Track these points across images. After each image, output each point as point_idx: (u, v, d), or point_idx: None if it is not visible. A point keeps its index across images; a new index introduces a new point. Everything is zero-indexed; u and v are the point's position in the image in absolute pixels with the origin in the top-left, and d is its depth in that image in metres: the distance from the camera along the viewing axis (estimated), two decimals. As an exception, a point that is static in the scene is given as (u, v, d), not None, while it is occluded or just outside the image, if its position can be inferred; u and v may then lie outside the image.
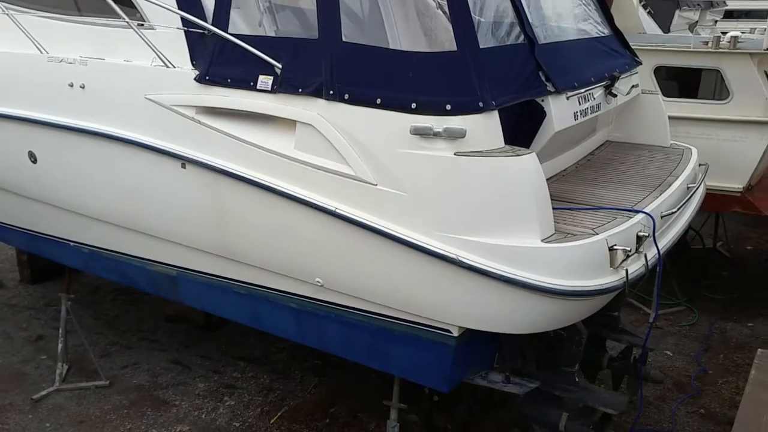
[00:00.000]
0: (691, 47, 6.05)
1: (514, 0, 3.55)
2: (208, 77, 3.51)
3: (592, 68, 3.98)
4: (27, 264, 6.61)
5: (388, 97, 3.05)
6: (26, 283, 6.66)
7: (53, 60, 4.07)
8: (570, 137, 3.83)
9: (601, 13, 4.57)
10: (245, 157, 3.45)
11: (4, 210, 5.20)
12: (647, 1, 7.50)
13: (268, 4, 3.95)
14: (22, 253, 6.54)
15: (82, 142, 4.07)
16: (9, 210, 5.13)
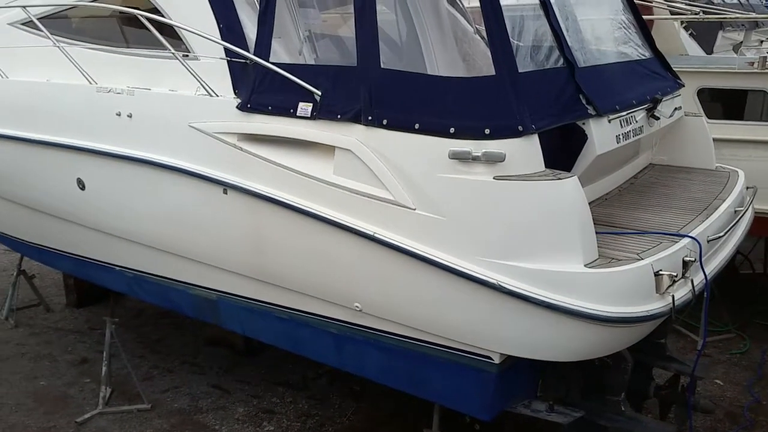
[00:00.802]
0: (735, 68, 5.94)
1: (552, 24, 3.54)
2: (249, 105, 3.58)
3: (633, 91, 3.93)
4: (73, 288, 6.76)
5: (427, 122, 3.06)
6: (72, 307, 6.81)
7: (102, 90, 4.20)
8: (612, 160, 3.78)
9: (642, 35, 4.52)
10: (285, 182, 3.49)
11: (52, 235, 5.35)
12: (689, 23, 7.40)
13: (308, 33, 4.03)
14: (69, 278, 6.70)
15: (128, 169, 4.18)
16: (57, 235, 5.27)
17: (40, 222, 5.27)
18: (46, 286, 7.14)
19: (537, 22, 3.63)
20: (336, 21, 4.50)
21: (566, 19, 3.80)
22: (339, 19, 4.44)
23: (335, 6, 4.49)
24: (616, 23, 4.44)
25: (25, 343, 6.11)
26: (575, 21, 3.98)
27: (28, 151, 4.84)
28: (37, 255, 5.95)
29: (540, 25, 3.61)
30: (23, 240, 5.85)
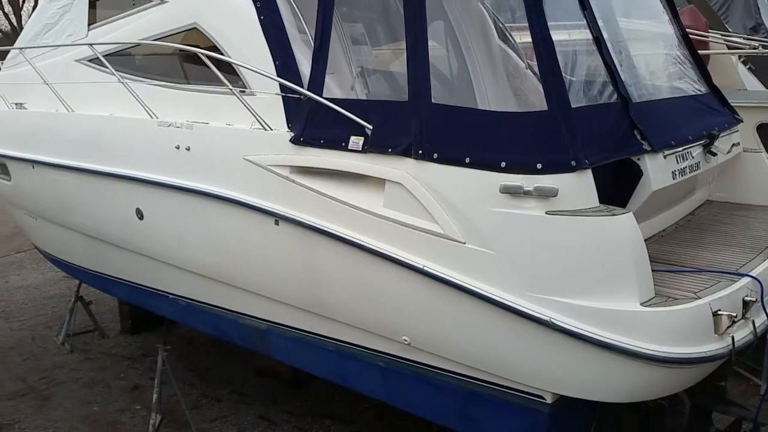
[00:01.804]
0: (797, 103, 5.78)
1: (606, 59, 3.53)
2: (302, 138, 3.65)
3: (689, 126, 3.87)
4: (128, 315, 6.92)
5: (478, 156, 3.06)
6: (126, 333, 6.96)
7: (162, 124, 4.35)
8: (668, 197, 3.71)
9: (698, 70, 4.46)
10: (335, 214, 3.52)
11: (110, 263, 5.51)
12: (748, 57, 7.25)
13: (360, 69, 4.11)
14: (124, 305, 6.86)
15: (184, 199, 4.29)
16: (115, 263, 5.44)
17: (99, 250, 5.45)
18: (102, 312, 7.33)
19: (590, 57, 3.62)
20: (388, 57, 4.57)
21: (620, 54, 3.78)
22: (391, 55, 4.52)
23: (387, 42, 4.57)
24: (670, 58, 4.40)
25: (80, 368, 6.26)
26: (629, 56, 3.95)
27: (90, 182, 5.03)
28: (95, 282, 6.14)
29: (593, 60, 3.59)
30: (82, 267, 6.05)
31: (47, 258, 6.96)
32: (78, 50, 5.23)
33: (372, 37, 4.50)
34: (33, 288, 8.55)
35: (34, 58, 5.55)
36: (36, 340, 6.92)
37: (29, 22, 6.41)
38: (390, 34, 4.46)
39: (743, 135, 4.53)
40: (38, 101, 5.57)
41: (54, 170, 5.34)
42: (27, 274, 9.16)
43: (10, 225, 10.76)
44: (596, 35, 3.54)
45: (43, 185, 5.67)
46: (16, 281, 8.86)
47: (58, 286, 8.44)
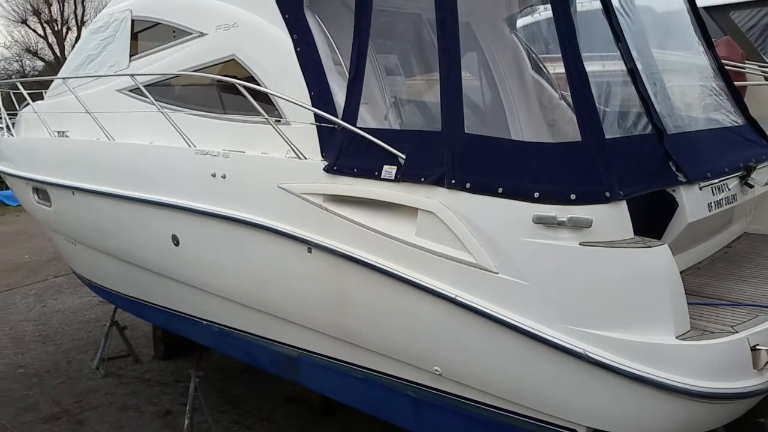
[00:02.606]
0: (837, 135, 5.66)
1: (640, 90, 3.52)
2: (336, 167, 3.69)
3: (725, 158, 3.82)
4: (161, 340, 7.01)
5: (511, 186, 3.06)
6: (159, 358, 7.04)
7: (200, 153, 4.44)
8: (704, 229, 3.66)
9: (735, 102, 4.41)
10: (368, 242, 3.54)
11: (145, 288, 5.60)
12: (785, 88, 7.15)
13: (393, 99, 4.16)
14: (158, 330, 6.96)
15: (219, 226, 4.36)
16: (150, 288, 5.52)
17: (134, 275, 5.54)
18: (137, 337, 7.43)
19: (624, 88, 3.62)
20: (421, 87, 4.62)
21: (654, 86, 3.77)
22: (424, 85, 4.57)
23: (421, 73, 4.62)
24: (706, 89, 4.36)
25: (114, 392, 6.34)
26: (664, 87, 3.94)
27: (128, 208, 5.14)
28: (130, 307, 6.23)
29: (627, 91, 3.59)
30: (118, 292, 6.16)
31: (84, 283, 7.10)
32: (119, 80, 5.39)
33: (406, 68, 4.56)
34: (70, 312, 8.72)
35: (76, 87, 5.73)
36: (71, 364, 7.03)
37: (72, 53, 6.64)
38: (423, 64, 4.51)
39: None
40: (80, 129, 5.73)
41: (93, 197, 5.48)
42: (64, 298, 9.35)
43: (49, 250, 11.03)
44: (630, 67, 3.53)
45: (83, 211, 5.81)
46: (53, 305, 9.05)
47: (94, 310, 8.59)
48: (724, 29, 8.06)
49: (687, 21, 4.45)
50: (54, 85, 6.61)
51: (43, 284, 10.13)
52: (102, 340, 6.87)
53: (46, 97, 6.79)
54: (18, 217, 15.85)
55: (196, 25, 4.73)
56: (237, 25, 4.38)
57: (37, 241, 12.23)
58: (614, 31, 3.50)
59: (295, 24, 4.01)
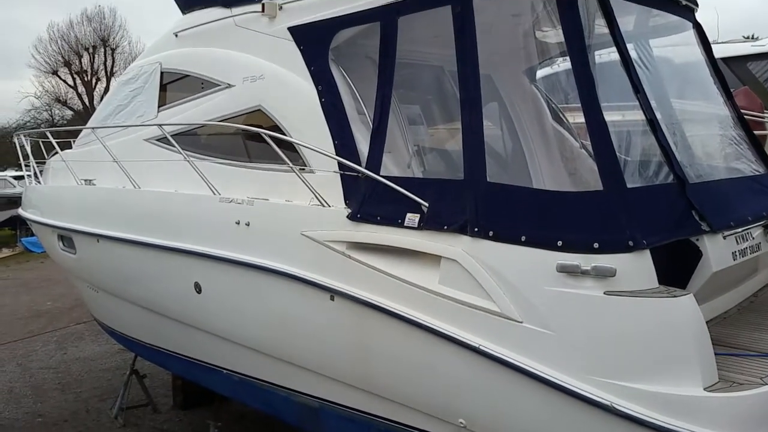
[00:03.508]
0: None
1: (660, 140, 3.54)
2: (359, 215, 3.73)
3: (748, 207, 3.81)
4: (180, 389, 6.96)
5: (533, 235, 3.08)
6: (178, 408, 6.98)
7: (224, 200, 4.51)
8: (729, 278, 3.62)
9: (755, 151, 4.42)
10: (390, 290, 3.54)
11: (166, 336, 5.60)
12: (806, 138, 7.15)
13: (416, 148, 4.22)
14: (177, 379, 6.92)
15: (242, 274, 4.38)
16: (170, 336, 5.53)
17: (155, 323, 5.56)
18: (156, 386, 7.40)
19: (645, 137, 3.64)
20: (443, 135, 4.69)
21: (674, 135, 3.80)
22: (447, 134, 4.63)
23: (443, 122, 4.69)
24: (727, 139, 4.38)
25: (132, 442, 6.30)
26: (684, 137, 3.96)
27: (152, 255, 5.19)
28: (150, 355, 6.23)
29: (648, 141, 3.61)
30: (139, 340, 6.16)
31: (105, 330, 7.13)
32: (147, 130, 5.51)
33: (428, 117, 4.64)
34: (90, 360, 8.73)
35: (104, 137, 5.87)
36: (90, 413, 7.00)
37: (102, 104, 6.82)
38: (446, 114, 4.59)
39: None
40: (107, 178, 5.84)
41: (118, 244, 5.54)
42: (85, 345, 9.37)
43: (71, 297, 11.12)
44: (650, 117, 3.56)
45: (106, 259, 5.88)
46: (73, 353, 9.07)
47: (114, 358, 8.60)
48: (742, 80, 8.12)
49: (705, 71, 4.50)
50: (82, 135, 6.77)
51: (64, 331, 10.17)
52: (121, 388, 6.85)
53: (74, 146, 6.95)
54: (42, 263, 16.05)
55: (223, 77, 4.86)
56: (263, 77, 4.50)
57: (60, 287, 12.35)
58: (633, 82, 3.54)
59: (320, 75, 4.11)
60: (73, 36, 36.54)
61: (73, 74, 37.05)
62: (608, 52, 3.69)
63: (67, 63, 36.66)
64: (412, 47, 4.30)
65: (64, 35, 36.49)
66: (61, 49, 36.57)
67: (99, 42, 36.86)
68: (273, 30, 4.45)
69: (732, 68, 8.16)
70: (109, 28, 37.03)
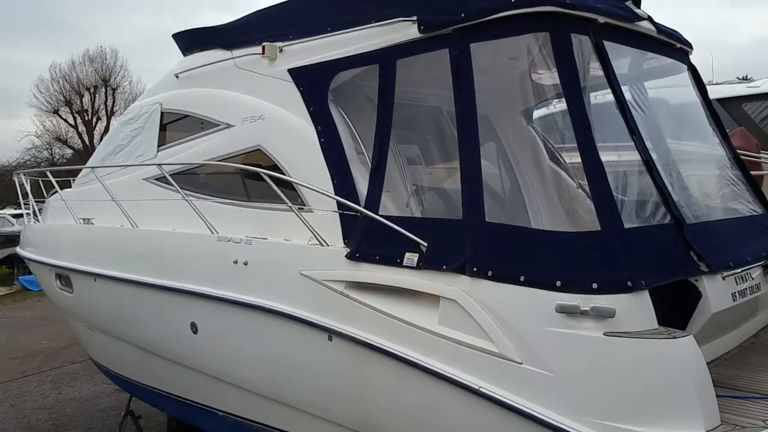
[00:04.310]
0: None
1: (656, 181, 3.55)
2: (358, 254, 3.72)
3: (747, 247, 3.81)
4: (176, 431, 6.84)
5: (532, 275, 3.07)
6: (172, 450, 6.87)
7: (222, 240, 4.50)
8: (729, 319, 3.61)
9: (752, 191, 4.44)
10: (389, 330, 3.52)
11: (161, 377, 5.54)
12: (802, 178, 7.20)
13: (415, 187, 4.24)
14: (173, 420, 6.80)
15: (239, 314, 4.36)
16: (166, 377, 5.46)
17: (152, 363, 5.50)
18: (151, 427, 7.27)
19: (641, 178, 3.66)
20: (442, 175, 4.71)
21: (671, 176, 3.83)
22: (445, 173, 4.65)
23: (441, 161, 4.72)
24: (723, 179, 4.41)
25: (125, 485, 6.17)
26: (680, 177, 3.99)
27: (148, 295, 5.17)
28: (146, 396, 6.14)
29: (644, 181, 3.63)
30: (134, 380, 6.10)
31: (101, 370, 7.06)
32: (146, 169, 5.54)
33: (426, 157, 4.67)
34: (85, 400, 8.61)
35: (104, 176, 5.90)
36: (84, 454, 6.88)
37: (102, 143, 6.86)
38: (444, 153, 4.62)
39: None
40: (105, 217, 5.85)
41: (115, 283, 5.52)
42: (80, 385, 9.26)
43: (67, 336, 11.02)
44: (646, 158, 3.58)
45: (103, 298, 5.85)
46: (68, 392, 8.95)
47: (109, 398, 8.48)
48: (738, 120, 8.21)
49: (701, 112, 4.55)
50: (82, 174, 6.80)
51: (59, 371, 10.06)
52: (117, 429, 6.74)
53: (74, 185, 6.97)
54: (39, 302, 15.96)
55: (223, 117, 4.91)
56: (263, 117, 4.54)
57: (56, 326, 12.24)
58: (628, 124, 3.57)
59: (320, 116, 4.15)
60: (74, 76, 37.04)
61: (74, 113, 37.42)
62: (604, 93, 3.73)
63: (68, 102, 37.06)
64: (411, 88, 4.36)
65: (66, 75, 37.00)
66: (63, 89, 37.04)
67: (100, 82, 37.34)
68: (273, 71, 4.51)
69: (727, 109, 8.26)
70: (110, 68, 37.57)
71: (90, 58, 37.15)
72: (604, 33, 3.54)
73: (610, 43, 3.58)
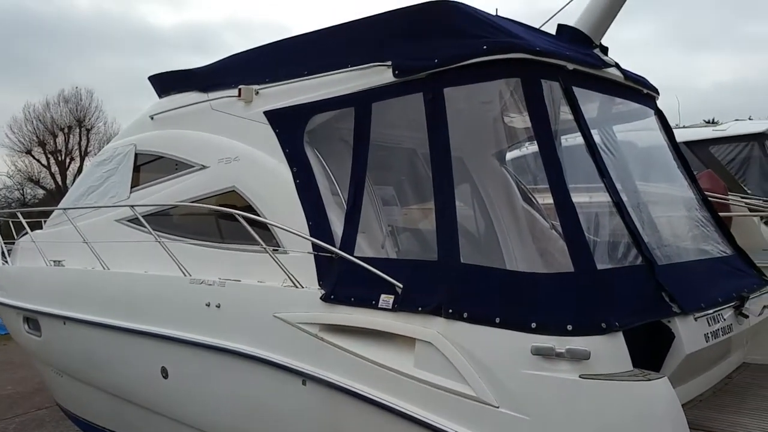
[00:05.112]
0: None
1: (627, 222, 3.59)
2: (333, 296, 3.70)
3: (718, 288, 3.86)
4: (144, 479, 6.65)
5: (508, 317, 3.07)
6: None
7: (195, 282, 4.45)
8: (702, 360, 3.63)
9: (721, 232, 4.51)
10: (364, 374, 3.48)
11: (131, 423, 5.40)
12: (769, 218, 7.35)
13: (390, 228, 4.24)
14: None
15: (210, 358, 4.28)
16: (135, 423, 5.32)
17: (121, 409, 5.37)
18: (118, 475, 7.04)
19: (612, 219, 3.71)
20: (417, 215, 4.73)
21: (641, 218, 3.88)
22: (420, 214, 4.68)
23: (416, 202, 4.75)
24: (693, 221, 4.48)
25: None
26: (651, 219, 4.05)
27: (118, 339, 5.06)
28: (114, 442, 5.97)
29: (615, 222, 3.68)
30: (103, 427, 5.94)
31: (69, 416, 6.87)
32: (119, 211, 5.49)
33: (402, 198, 4.69)
34: (49, 448, 8.31)
35: (76, 217, 5.82)
36: (47, 505, 6.61)
37: (74, 185, 6.79)
38: (419, 194, 4.65)
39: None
40: (77, 259, 5.76)
41: (84, 327, 5.41)
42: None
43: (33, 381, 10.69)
44: (616, 200, 3.63)
45: (73, 342, 5.72)
46: (33, 440, 8.64)
47: (75, 446, 8.20)
48: (705, 163, 8.40)
49: (669, 155, 4.65)
50: (54, 215, 6.71)
51: (24, 417, 9.70)
52: (82, 478, 6.51)
53: (45, 226, 6.87)
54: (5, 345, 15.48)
55: (198, 158, 4.90)
56: (239, 159, 4.54)
57: (23, 371, 11.87)
58: (598, 166, 3.63)
59: (296, 157, 4.17)
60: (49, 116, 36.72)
61: (47, 154, 37.01)
62: (574, 136, 3.81)
63: (42, 143, 36.68)
64: (386, 130, 4.40)
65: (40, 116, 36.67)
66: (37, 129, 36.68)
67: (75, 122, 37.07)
68: (249, 114, 4.53)
69: (695, 152, 8.46)
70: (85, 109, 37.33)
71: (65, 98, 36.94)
72: (574, 79, 3.63)
73: (579, 89, 3.66)
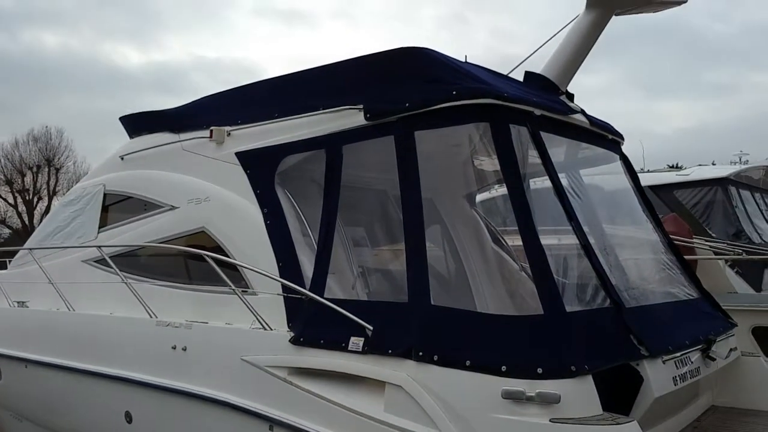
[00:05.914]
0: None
1: (595, 265, 3.62)
2: (302, 339, 3.65)
3: (685, 331, 3.89)
4: None
5: (478, 360, 3.05)
6: None
7: (161, 324, 4.36)
8: (672, 403, 3.63)
9: (687, 275, 4.57)
10: (333, 419, 3.42)
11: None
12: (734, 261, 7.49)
13: (361, 270, 4.23)
14: None
15: (176, 402, 4.18)
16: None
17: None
18: None
19: (580, 261, 3.73)
20: (387, 257, 4.72)
21: (608, 260, 3.92)
22: (390, 255, 4.67)
23: (387, 243, 4.75)
24: (659, 264, 4.53)
25: None
26: (618, 262, 4.09)
27: (81, 382, 4.94)
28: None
29: (584, 265, 3.70)
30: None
31: (26, 464, 6.58)
32: (85, 251, 5.40)
33: (372, 239, 4.68)
34: (4, 498, 7.97)
35: (42, 258, 5.71)
36: None
37: (41, 225, 6.67)
38: (389, 236, 4.66)
39: (739, 338, 4.53)
40: (41, 300, 5.63)
41: (46, 370, 5.26)
42: (0, 481, 8.59)
43: (-11, 427, 10.28)
44: (584, 243, 3.66)
45: (34, 385, 5.54)
46: (-13, 490, 8.28)
47: (31, 495, 7.87)
48: (670, 207, 8.57)
49: (634, 199, 4.72)
50: (19, 255, 6.58)
51: (-22, 466, 9.32)
52: None
53: (9, 266, 6.72)
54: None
55: (167, 199, 4.86)
56: (209, 199, 4.52)
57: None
58: (566, 209, 3.68)
59: (266, 198, 4.15)
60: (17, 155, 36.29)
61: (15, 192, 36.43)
62: (542, 179, 3.86)
63: (9, 182, 36.14)
64: (357, 172, 4.42)
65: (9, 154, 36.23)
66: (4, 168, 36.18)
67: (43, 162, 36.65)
68: (220, 154, 4.53)
69: (660, 196, 8.64)
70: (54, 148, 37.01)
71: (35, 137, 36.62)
72: (541, 124, 3.70)
73: (546, 134, 3.73)
